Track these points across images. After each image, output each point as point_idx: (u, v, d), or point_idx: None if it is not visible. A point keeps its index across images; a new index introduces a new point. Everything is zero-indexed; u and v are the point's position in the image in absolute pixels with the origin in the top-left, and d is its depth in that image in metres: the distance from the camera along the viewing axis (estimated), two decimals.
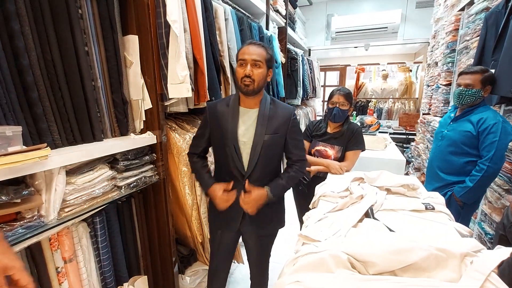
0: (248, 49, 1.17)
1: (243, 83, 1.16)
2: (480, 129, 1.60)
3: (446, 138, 1.80)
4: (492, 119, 1.57)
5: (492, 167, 1.54)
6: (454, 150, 1.73)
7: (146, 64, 1.34)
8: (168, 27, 1.31)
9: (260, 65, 1.16)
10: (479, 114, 1.64)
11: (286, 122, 1.26)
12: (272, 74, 1.26)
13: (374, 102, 5.74)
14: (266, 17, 2.76)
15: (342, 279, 0.66)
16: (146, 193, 1.53)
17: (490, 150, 1.54)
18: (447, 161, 1.77)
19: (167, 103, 1.44)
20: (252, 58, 1.15)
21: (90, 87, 1.15)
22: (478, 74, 1.63)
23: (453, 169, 1.74)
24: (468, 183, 1.62)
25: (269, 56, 1.20)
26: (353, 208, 1.10)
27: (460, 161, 1.70)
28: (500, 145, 1.53)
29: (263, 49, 1.19)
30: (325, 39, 5.03)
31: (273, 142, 1.25)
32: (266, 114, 1.23)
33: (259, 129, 1.22)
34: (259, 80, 1.17)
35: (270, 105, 1.26)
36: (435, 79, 3.23)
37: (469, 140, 1.65)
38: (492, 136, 1.54)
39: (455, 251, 0.69)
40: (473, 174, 1.62)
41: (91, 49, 1.15)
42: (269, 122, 1.23)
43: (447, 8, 3.01)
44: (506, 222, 1.25)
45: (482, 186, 1.63)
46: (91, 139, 1.18)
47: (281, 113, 1.26)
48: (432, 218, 1.03)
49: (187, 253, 1.86)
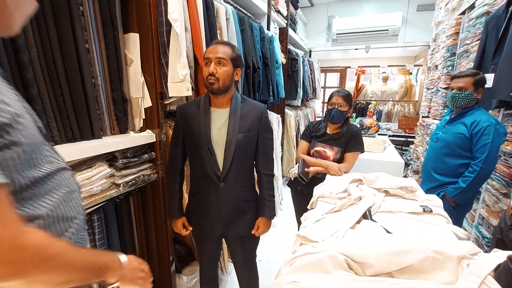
0: (214, 48, 1.16)
1: (208, 81, 1.16)
2: (473, 131, 1.62)
3: (440, 140, 1.84)
4: (486, 122, 1.59)
5: (484, 168, 1.57)
6: (448, 152, 1.76)
7: (147, 62, 1.34)
8: (169, 26, 1.31)
9: (225, 63, 1.15)
10: (473, 117, 1.67)
11: (258, 120, 1.26)
12: (240, 73, 1.24)
13: (374, 104, 5.75)
14: (267, 17, 2.76)
15: (338, 280, 0.66)
16: (145, 191, 1.53)
17: (483, 152, 1.57)
18: (441, 162, 1.80)
19: (167, 102, 1.44)
20: (216, 56, 1.14)
21: (90, 85, 1.15)
22: (469, 77, 1.67)
23: (447, 170, 1.76)
24: (461, 184, 1.65)
25: (235, 54, 1.18)
26: (351, 209, 1.10)
27: (454, 162, 1.73)
28: (493, 147, 1.55)
29: (229, 48, 1.18)
30: (326, 40, 5.03)
31: (247, 140, 1.24)
32: (237, 113, 1.23)
33: (231, 128, 1.21)
34: (224, 78, 1.15)
35: (241, 103, 1.26)
36: (435, 82, 3.24)
37: (462, 142, 1.68)
38: (485, 138, 1.57)
39: (452, 253, 0.69)
40: (466, 175, 1.64)
41: (91, 46, 1.15)
42: (241, 121, 1.23)
43: (448, 11, 3.02)
44: (504, 226, 1.26)
45: (474, 187, 1.65)
46: (90, 137, 1.18)
47: (253, 111, 1.26)
48: (430, 220, 1.04)
49: (185, 252, 1.87)
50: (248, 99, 1.32)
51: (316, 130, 1.86)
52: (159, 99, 1.39)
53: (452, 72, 2.73)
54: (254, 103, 1.31)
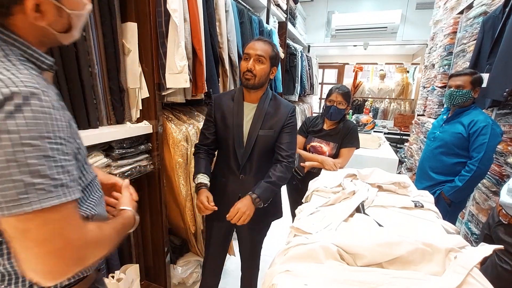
0: (254, 44, 1.18)
1: (245, 76, 1.19)
2: (471, 131, 1.64)
3: (437, 139, 1.86)
4: (483, 122, 1.61)
5: (480, 168, 1.59)
6: (445, 151, 1.78)
7: (144, 52, 1.33)
8: (168, 16, 1.30)
9: (263, 61, 1.18)
10: (470, 116, 1.68)
11: (283, 119, 1.28)
12: (275, 72, 1.27)
13: (371, 102, 5.78)
14: (266, 11, 2.74)
15: (331, 270, 0.68)
16: (141, 182, 1.53)
17: (480, 152, 1.58)
18: (438, 161, 1.82)
19: (165, 93, 1.43)
20: (256, 53, 1.17)
21: (86, 73, 1.14)
22: (468, 75, 1.68)
23: (444, 169, 1.79)
24: (457, 183, 1.67)
25: (274, 53, 1.21)
26: (345, 203, 1.12)
27: (451, 161, 1.75)
28: (489, 146, 1.57)
29: (269, 46, 1.20)
30: (325, 36, 5.02)
31: (268, 137, 1.27)
32: (264, 109, 1.26)
33: (254, 124, 1.25)
34: (261, 75, 1.19)
35: (270, 101, 1.29)
36: (431, 81, 3.26)
37: (459, 142, 1.70)
38: (482, 138, 1.59)
39: (441, 246, 0.72)
40: (462, 174, 1.66)
41: (88, 34, 1.14)
42: (266, 118, 1.26)
43: (446, 10, 3.04)
44: (492, 222, 1.29)
45: (470, 186, 1.68)
46: (86, 126, 1.17)
47: (280, 110, 1.29)
48: (421, 215, 1.06)
49: (180, 244, 1.88)
50: (279, 97, 1.35)
51: (313, 125, 1.87)
52: (156, 90, 1.38)
53: (448, 71, 2.76)
54: (283, 102, 1.33)
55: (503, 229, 1.19)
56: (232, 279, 1.94)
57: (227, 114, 1.28)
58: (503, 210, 1.21)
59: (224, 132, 1.29)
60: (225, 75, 1.90)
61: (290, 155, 1.28)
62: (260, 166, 1.30)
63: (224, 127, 1.28)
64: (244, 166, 1.28)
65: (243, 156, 1.26)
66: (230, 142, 1.27)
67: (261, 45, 1.18)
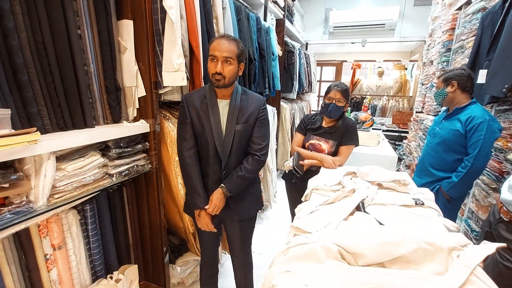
0: (219, 45, 1.16)
1: (214, 78, 1.19)
2: (467, 127, 1.65)
3: (437, 136, 1.86)
4: (480, 118, 1.60)
5: (475, 164, 1.59)
6: (445, 148, 1.79)
7: (141, 50, 1.31)
8: (164, 13, 1.28)
9: (231, 62, 1.18)
10: (468, 112, 1.68)
11: (256, 112, 1.30)
12: (243, 67, 1.28)
13: (369, 99, 5.77)
14: (264, 8, 2.72)
15: (331, 270, 0.67)
16: (138, 182, 1.51)
17: (476, 148, 1.59)
18: (439, 158, 1.83)
19: (162, 91, 1.42)
20: (223, 55, 1.16)
21: (82, 72, 1.12)
22: (440, 77, 1.83)
23: (444, 165, 1.79)
24: (453, 179, 1.69)
25: (239, 51, 1.21)
26: (344, 201, 1.11)
27: (451, 158, 1.76)
28: (485, 143, 1.57)
29: (235, 44, 1.19)
30: (323, 33, 5.00)
31: (244, 131, 1.29)
32: (237, 105, 1.27)
33: (230, 120, 1.26)
34: (230, 76, 1.20)
35: (241, 95, 1.30)
36: (429, 77, 3.25)
37: (458, 139, 1.71)
38: (478, 135, 1.59)
39: (443, 245, 0.71)
40: (458, 170, 1.68)
41: (84, 32, 1.12)
42: (240, 113, 1.27)
43: (444, 6, 3.02)
44: (492, 220, 1.28)
45: (466, 182, 1.69)
46: (83, 125, 1.16)
47: (251, 103, 1.31)
48: (421, 213, 1.05)
49: (178, 243, 1.87)
50: (248, 91, 1.35)
51: (311, 123, 1.85)
52: (153, 88, 1.37)
53: (447, 67, 2.75)
54: (254, 95, 1.35)
55: (505, 227, 1.19)
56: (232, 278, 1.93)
57: (202, 112, 1.25)
58: (504, 207, 1.20)
59: (201, 131, 1.26)
60: None
61: (263, 147, 1.32)
62: (238, 160, 1.32)
63: (201, 127, 1.26)
64: (226, 164, 1.28)
65: (224, 154, 1.26)
66: (210, 141, 1.26)
67: (226, 46, 1.16)
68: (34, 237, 1.06)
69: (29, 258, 1.06)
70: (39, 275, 1.09)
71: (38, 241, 1.08)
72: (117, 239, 1.43)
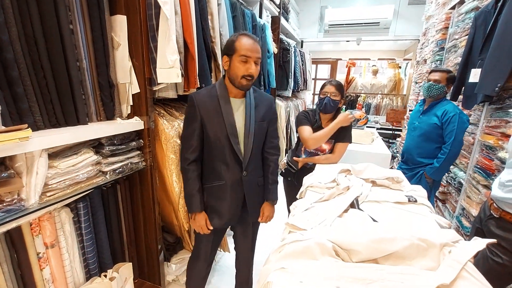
0: (254, 46, 1.13)
1: (245, 78, 1.15)
2: (443, 120, 1.96)
3: (418, 129, 2.16)
4: (452, 112, 1.92)
5: (452, 150, 1.90)
6: (426, 139, 2.09)
7: (135, 46, 1.30)
8: (158, 8, 1.26)
9: (259, 63, 1.18)
10: (442, 108, 1.98)
11: (269, 110, 1.32)
12: None
13: (363, 97, 5.81)
14: (259, 5, 2.71)
15: (326, 266, 0.68)
16: (132, 179, 1.50)
17: (451, 137, 1.90)
18: (421, 147, 2.13)
19: (156, 88, 1.40)
20: (257, 56, 1.14)
21: (74, 68, 1.10)
22: (444, 72, 2.01)
23: (426, 153, 2.10)
24: (435, 164, 1.99)
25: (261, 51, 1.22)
26: (339, 198, 1.11)
27: (431, 147, 2.06)
28: (458, 132, 1.88)
29: (259, 44, 1.19)
30: (318, 31, 5.00)
31: (261, 129, 1.29)
32: (252, 102, 1.27)
33: (248, 118, 1.24)
34: (256, 76, 1.19)
35: (253, 93, 1.30)
36: (423, 76, 3.29)
37: (436, 130, 2.02)
38: (452, 126, 1.90)
39: (435, 241, 0.72)
40: (438, 157, 1.99)
41: (76, 28, 1.10)
42: (256, 111, 1.27)
43: (438, 6, 3.05)
44: (483, 216, 1.31)
45: (446, 166, 2.00)
46: (75, 122, 1.14)
47: (264, 102, 1.32)
48: (414, 210, 1.07)
49: (173, 241, 1.86)
50: (257, 89, 1.35)
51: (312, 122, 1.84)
52: (147, 85, 1.35)
53: (440, 66, 2.78)
54: (263, 93, 1.36)
55: (495, 223, 1.21)
56: (228, 276, 1.93)
57: (215, 113, 1.20)
58: (494, 204, 1.22)
59: (215, 133, 1.21)
60: (217, 70, 1.87)
61: (277, 144, 1.38)
62: (257, 159, 1.33)
63: (215, 127, 1.20)
64: (247, 164, 1.26)
65: (246, 154, 1.24)
66: (225, 142, 1.21)
67: (257, 46, 1.15)
68: (26, 235, 1.05)
69: (21, 256, 1.04)
70: (31, 273, 1.07)
71: (30, 240, 1.06)
72: (111, 237, 1.42)
